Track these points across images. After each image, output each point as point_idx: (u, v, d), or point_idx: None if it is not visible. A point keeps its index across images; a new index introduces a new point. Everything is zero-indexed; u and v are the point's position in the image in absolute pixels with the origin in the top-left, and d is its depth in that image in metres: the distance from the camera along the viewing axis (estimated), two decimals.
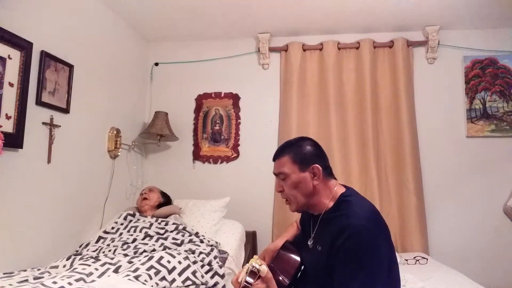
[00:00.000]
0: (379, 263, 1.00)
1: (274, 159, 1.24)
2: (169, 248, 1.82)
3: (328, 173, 1.19)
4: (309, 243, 1.21)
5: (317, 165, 1.15)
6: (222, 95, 2.91)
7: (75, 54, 2.04)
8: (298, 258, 1.24)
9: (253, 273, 1.01)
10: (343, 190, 1.18)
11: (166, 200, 2.36)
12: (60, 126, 1.91)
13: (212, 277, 1.72)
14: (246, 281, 1.00)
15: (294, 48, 2.77)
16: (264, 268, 1.02)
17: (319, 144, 1.23)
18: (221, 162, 2.86)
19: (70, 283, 1.32)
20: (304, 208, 1.19)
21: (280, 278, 1.16)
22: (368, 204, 1.13)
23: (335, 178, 1.21)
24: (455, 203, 2.57)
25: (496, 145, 2.57)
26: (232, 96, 2.90)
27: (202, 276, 1.67)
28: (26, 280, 1.42)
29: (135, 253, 1.76)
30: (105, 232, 1.99)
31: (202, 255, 1.81)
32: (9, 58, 1.59)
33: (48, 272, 1.60)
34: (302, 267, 1.24)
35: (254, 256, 1.07)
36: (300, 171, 1.15)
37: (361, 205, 1.11)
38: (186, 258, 1.68)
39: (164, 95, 2.97)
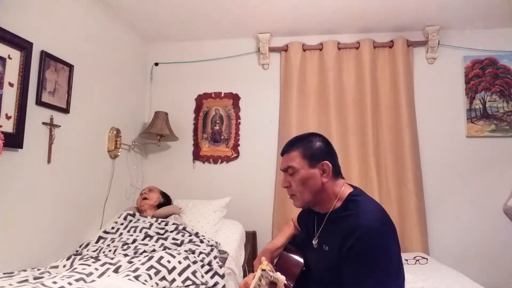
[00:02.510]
0: (390, 263, 1.00)
1: (283, 153, 1.20)
2: (169, 248, 1.82)
3: (337, 172, 1.16)
4: (314, 242, 1.19)
5: (327, 162, 1.13)
6: (222, 95, 2.91)
7: (75, 54, 2.04)
8: (301, 260, 1.22)
9: (273, 284, 0.98)
10: (350, 189, 1.16)
11: (166, 200, 2.36)
12: (60, 126, 1.91)
13: (212, 277, 1.72)
14: None
15: (294, 48, 2.77)
16: (281, 278, 0.98)
17: (329, 141, 1.20)
18: (221, 162, 2.86)
19: (70, 283, 1.32)
20: (310, 205, 1.17)
21: (285, 283, 1.15)
22: (376, 204, 1.12)
23: (343, 178, 1.19)
24: (455, 203, 2.57)
25: (496, 145, 2.57)
26: (232, 96, 2.90)
27: (202, 276, 1.67)
28: (26, 280, 1.42)
29: (135, 253, 1.76)
30: (105, 232, 1.99)
31: (202, 255, 1.81)
32: (9, 58, 1.59)
33: (48, 272, 1.60)
34: (305, 265, 1.23)
35: (263, 262, 1.01)
36: (309, 167, 1.12)
37: (369, 204, 1.10)
38: (186, 258, 1.68)
39: (164, 95, 2.97)
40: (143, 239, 1.91)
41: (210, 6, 2.41)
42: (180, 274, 1.58)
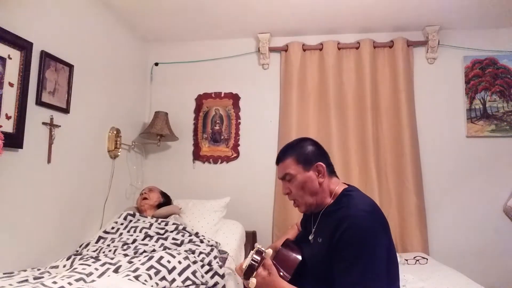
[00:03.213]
0: (378, 251, 1.01)
1: (277, 162, 1.25)
2: (169, 248, 1.82)
3: (331, 170, 1.22)
4: (310, 238, 1.23)
5: (320, 163, 1.18)
6: (222, 95, 2.91)
7: (75, 54, 2.04)
8: (299, 256, 1.24)
9: (259, 253, 1.02)
10: (345, 187, 1.21)
11: (166, 200, 2.36)
12: (60, 126, 1.91)
13: (212, 277, 1.72)
14: (252, 259, 1.00)
15: (294, 48, 2.77)
16: (269, 250, 1.02)
17: (319, 143, 1.26)
18: (221, 162, 2.86)
19: (70, 283, 1.32)
20: (313, 207, 1.21)
21: (281, 274, 1.16)
22: (368, 199, 1.16)
23: (337, 177, 1.24)
24: (455, 203, 2.57)
25: (496, 145, 2.57)
26: (232, 96, 2.90)
27: (202, 276, 1.67)
28: (26, 280, 1.42)
29: (135, 253, 1.76)
30: (105, 232, 1.99)
31: (202, 255, 1.81)
32: (9, 58, 1.59)
33: (48, 272, 1.60)
34: (303, 261, 1.24)
35: (257, 245, 1.07)
36: (305, 170, 1.18)
37: (361, 198, 1.14)
38: (186, 258, 1.68)
39: (164, 95, 2.97)
40: (143, 239, 1.91)
41: (210, 6, 2.41)
42: (180, 274, 1.58)
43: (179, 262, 1.62)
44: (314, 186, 1.17)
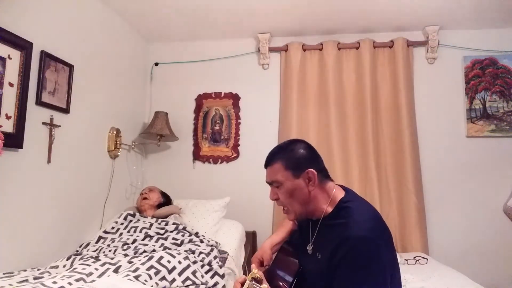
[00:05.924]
0: (381, 274, 0.97)
1: (266, 166, 1.17)
2: (169, 248, 1.82)
3: (324, 175, 1.13)
4: (309, 248, 1.16)
5: (311, 169, 1.08)
6: (222, 95, 2.91)
7: (75, 54, 2.04)
8: (297, 262, 1.22)
9: None
10: (342, 193, 1.13)
11: (166, 200, 2.36)
12: (60, 126, 1.91)
13: (212, 277, 1.73)
14: None
15: (294, 48, 2.77)
16: (264, 287, 0.98)
17: (312, 146, 1.17)
18: (221, 162, 2.86)
19: (70, 283, 1.32)
20: (303, 216, 1.14)
21: (280, 283, 1.15)
22: (369, 209, 1.09)
23: (332, 180, 1.16)
24: (455, 203, 2.56)
25: (496, 145, 2.57)
26: (232, 96, 2.90)
27: (202, 276, 1.68)
28: (26, 280, 1.42)
29: (135, 253, 1.76)
30: (105, 232, 1.99)
31: (202, 255, 1.82)
32: (9, 58, 1.59)
33: (48, 272, 1.60)
34: (301, 268, 1.22)
35: (253, 270, 1.02)
36: (294, 177, 1.09)
37: (361, 212, 1.06)
38: (186, 258, 1.68)
39: (164, 95, 2.97)
40: (143, 239, 1.91)
41: (210, 6, 2.41)
42: (180, 274, 1.59)
43: (179, 262, 1.63)
44: (304, 195, 1.08)
